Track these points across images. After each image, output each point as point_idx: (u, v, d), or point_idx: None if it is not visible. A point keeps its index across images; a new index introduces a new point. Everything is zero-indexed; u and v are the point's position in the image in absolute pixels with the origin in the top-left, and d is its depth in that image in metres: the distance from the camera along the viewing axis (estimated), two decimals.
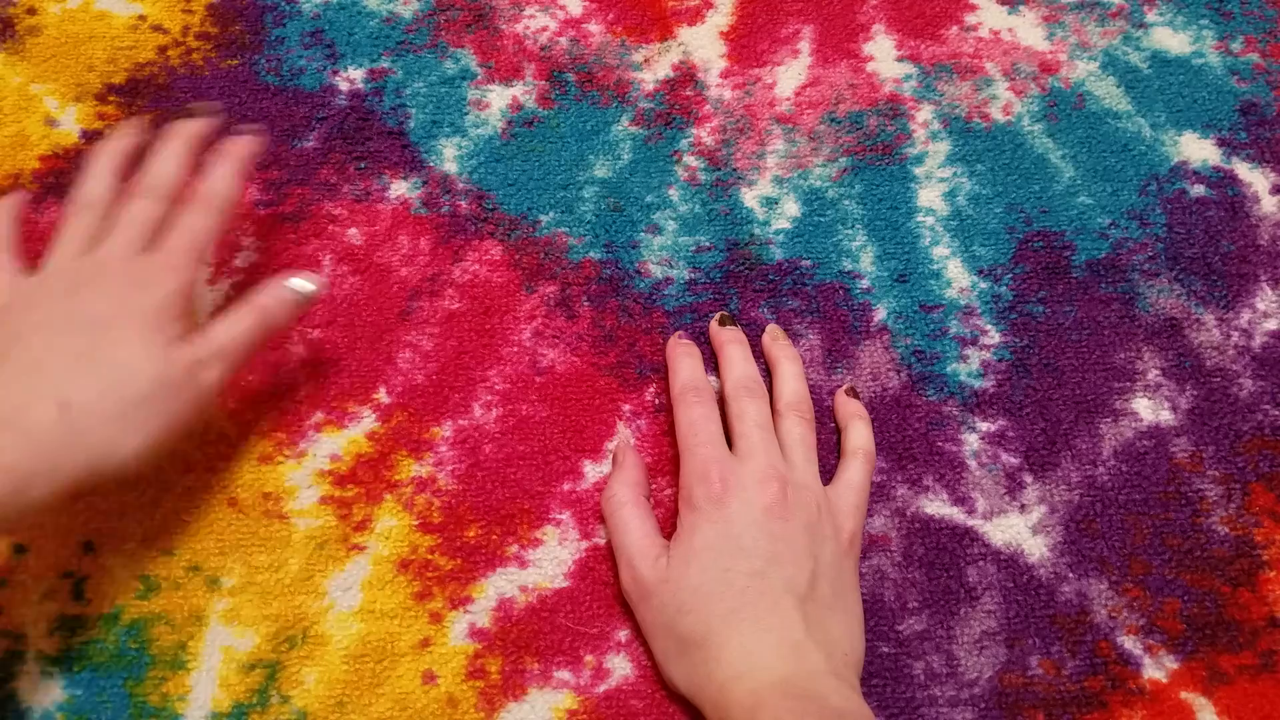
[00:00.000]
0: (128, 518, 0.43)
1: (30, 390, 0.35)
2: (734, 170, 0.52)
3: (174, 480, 0.43)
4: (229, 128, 0.45)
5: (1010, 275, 0.50)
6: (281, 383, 0.45)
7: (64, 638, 0.40)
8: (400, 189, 0.50)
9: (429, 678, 0.41)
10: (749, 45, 0.55)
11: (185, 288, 0.40)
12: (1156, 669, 0.42)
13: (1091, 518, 0.45)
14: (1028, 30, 0.56)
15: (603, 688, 0.41)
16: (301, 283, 0.42)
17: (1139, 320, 0.49)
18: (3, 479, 0.33)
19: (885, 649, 0.42)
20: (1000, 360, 0.48)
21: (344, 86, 0.52)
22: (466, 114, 0.52)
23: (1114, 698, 0.41)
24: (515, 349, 0.47)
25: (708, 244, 0.50)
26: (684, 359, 0.45)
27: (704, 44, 0.55)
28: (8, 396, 0.35)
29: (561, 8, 0.55)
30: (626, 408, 0.46)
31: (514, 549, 0.43)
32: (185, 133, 0.44)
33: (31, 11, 0.53)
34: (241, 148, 0.43)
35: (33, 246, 0.47)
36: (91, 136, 0.50)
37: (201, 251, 0.41)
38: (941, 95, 0.54)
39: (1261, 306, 0.49)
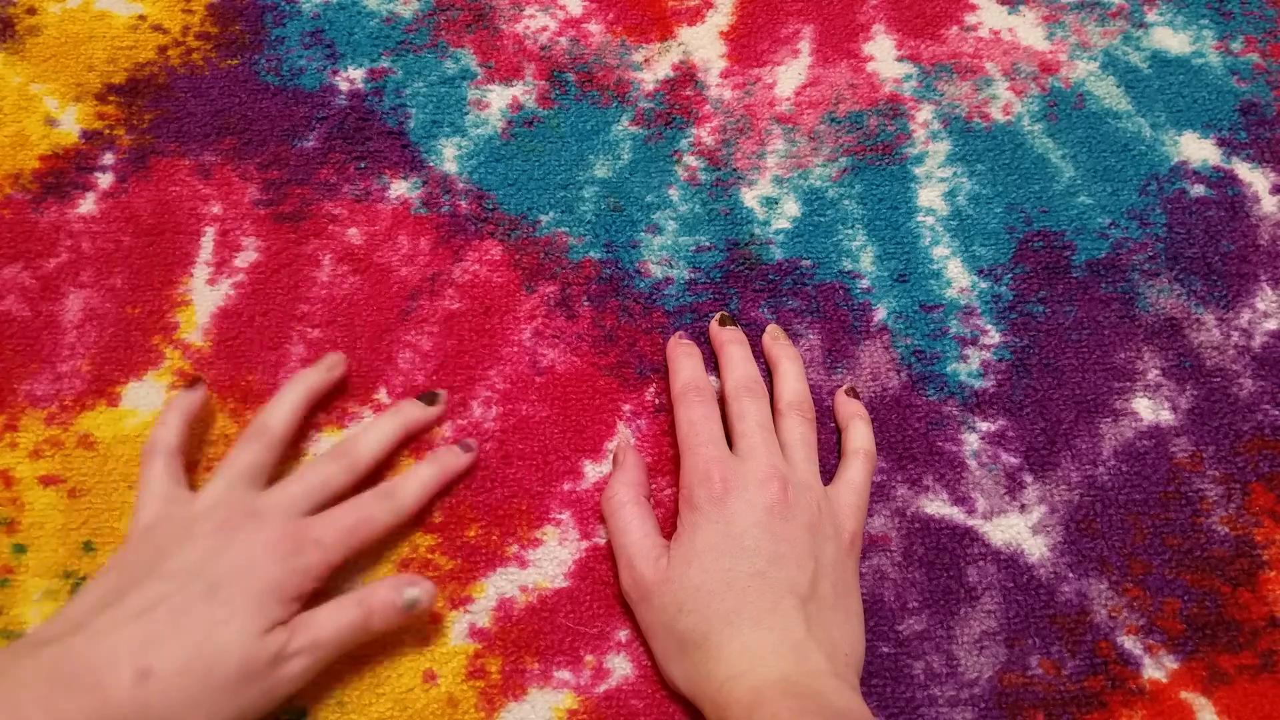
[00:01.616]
0: (128, 518, 0.42)
1: (124, 645, 0.33)
2: (734, 170, 0.52)
3: None
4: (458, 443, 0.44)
5: (1010, 275, 0.50)
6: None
7: None
8: (400, 189, 0.50)
9: (429, 677, 0.41)
10: (749, 45, 0.55)
11: (321, 574, 0.38)
12: (1156, 669, 0.42)
13: (1091, 518, 0.45)
14: (1028, 30, 0.56)
15: (603, 688, 0.41)
16: (415, 594, 0.39)
17: (1139, 320, 0.49)
18: None
19: (885, 649, 0.42)
20: (1000, 360, 0.48)
21: (344, 86, 0.52)
22: (466, 114, 0.52)
23: (1114, 698, 0.41)
24: (515, 349, 0.47)
25: (708, 244, 0.50)
26: (684, 359, 0.45)
27: (704, 44, 0.55)
28: (104, 645, 0.34)
29: (561, 8, 0.55)
30: (626, 408, 0.46)
31: (514, 549, 0.43)
32: (406, 415, 0.43)
33: (31, 11, 0.53)
34: (452, 461, 0.43)
35: (31, 246, 0.48)
36: (91, 136, 0.50)
37: (359, 544, 0.39)
38: (941, 95, 0.54)
39: (1261, 306, 0.49)
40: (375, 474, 0.43)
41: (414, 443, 0.44)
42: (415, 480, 0.42)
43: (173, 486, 0.40)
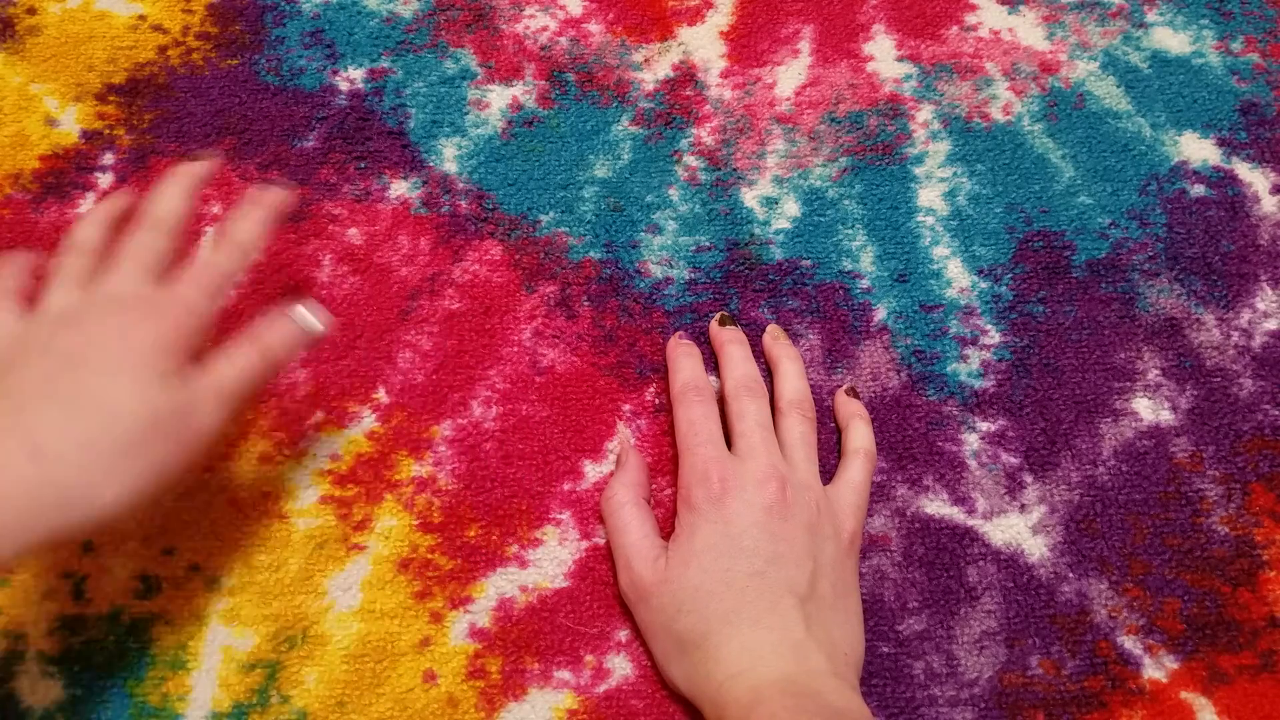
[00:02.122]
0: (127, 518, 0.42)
1: (7, 432, 0.33)
2: (734, 170, 0.52)
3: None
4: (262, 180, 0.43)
5: (1010, 275, 0.50)
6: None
7: (64, 638, 0.40)
8: (400, 189, 0.50)
9: (429, 677, 0.41)
10: (749, 45, 0.55)
11: (196, 323, 0.37)
12: (1156, 669, 0.42)
13: (1091, 518, 0.45)
14: (1028, 30, 0.56)
15: (603, 688, 0.41)
16: (306, 315, 0.39)
17: (1139, 320, 0.49)
18: None
19: (885, 649, 0.42)
20: (1000, 360, 0.48)
21: (344, 86, 0.52)
22: (466, 114, 0.52)
23: (1114, 698, 0.41)
24: (515, 349, 0.47)
25: (708, 244, 0.50)
26: (684, 359, 0.45)
27: (704, 44, 0.55)
28: None
29: (561, 7, 0.55)
30: (626, 408, 0.46)
31: (514, 549, 0.43)
32: (188, 172, 0.42)
33: (31, 11, 0.53)
34: (272, 198, 0.41)
35: (31, 246, 0.47)
36: (91, 136, 0.50)
37: (219, 290, 0.38)
38: (941, 95, 0.54)
39: (1261, 306, 0.49)
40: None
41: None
42: (248, 222, 0.40)
43: (12, 318, 0.38)
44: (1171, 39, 0.56)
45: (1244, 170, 0.53)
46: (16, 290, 0.40)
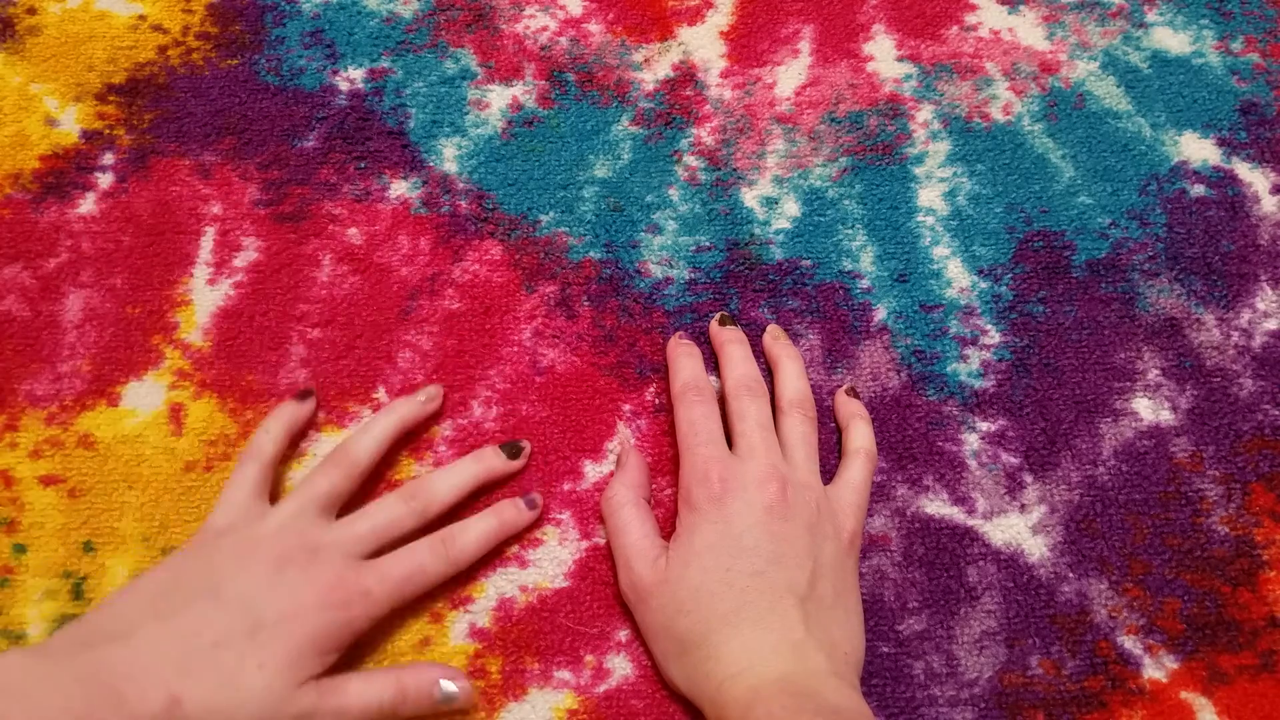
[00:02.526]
0: (128, 517, 0.43)
1: (161, 668, 0.34)
2: (734, 170, 0.52)
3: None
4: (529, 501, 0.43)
5: (1010, 275, 0.50)
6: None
7: None
8: (400, 189, 0.50)
9: None
10: (749, 45, 0.55)
11: (366, 624, 0.37)
12: (1156, 669, 0.42)
13: (1091, 518, 0.45)
14: (1028, 30, 0.56)
15: (603, 688, 0.41)
16: (453, 691, 0.38)
17: (1139, 320, 0.49)
18: None
19: (885, 649, 0.42)
20: (1000, 360, 0.48)
21: (344, 86, 0.52)
22: (466, 114, 0.52)
23: (1114, 698, 0.41)
24: (515, 349, 0.47)
25: (708, 244, 0.50)
26: (684, 359, 0.45)
27: (704, 44, 0.55)
28: (141, 664, 0.34)
29: (561, 7, 0.55)
30: (626, 408, 0.46)
31: (514, 549, 0.43)
32: (486, 464, 0.42)
33: (31, 11, 0.53)
34: (510, 518, 0.42)
35: (31, 246, 0.48)
36: (91, 136, 0.50)
37: (412, 596, 0.39)
38: (941, 95, 0.54)
39: (1261, 306, 0.49)
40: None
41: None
42: (474, 533, 0.41)
43: (254, 499, 0.40)
44: (1171, 39, 0.56)
45: (1244, 170, 0.53)
46: (276, 460, 0.41)
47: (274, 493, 0.42)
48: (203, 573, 0.37)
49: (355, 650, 0.40)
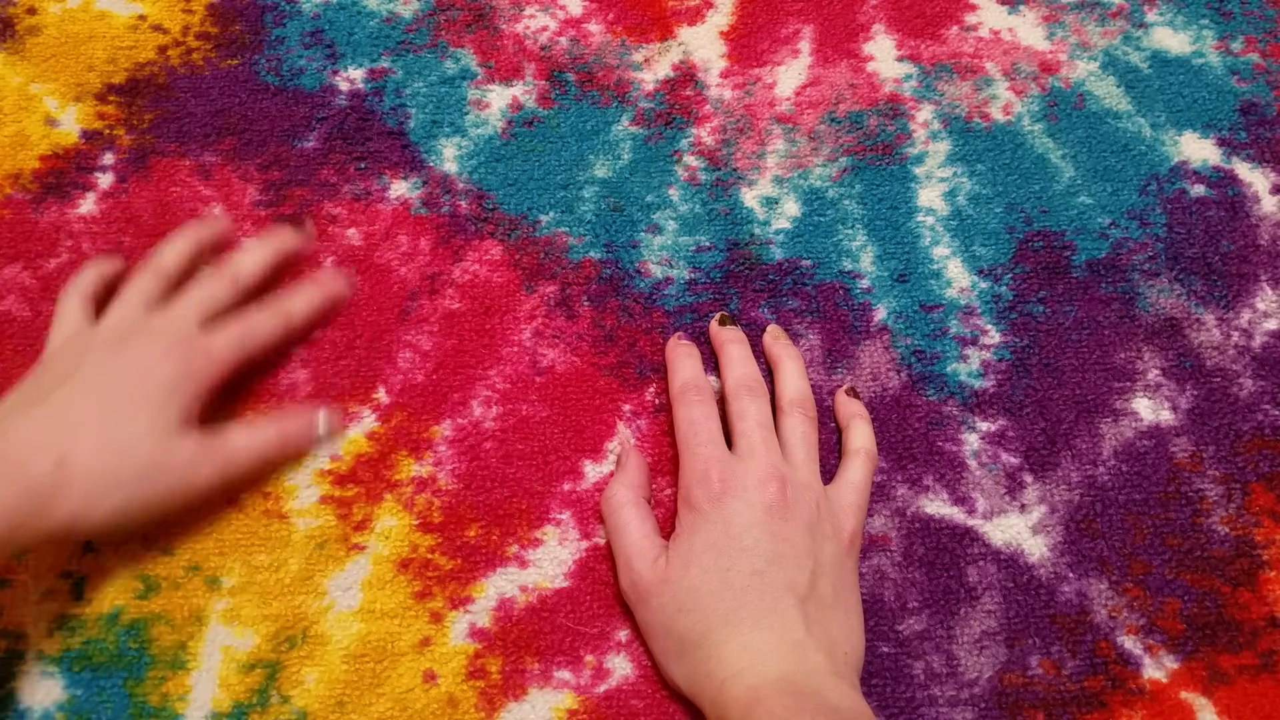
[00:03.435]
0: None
1: (42, 439, 0.37)
2: (734, 170, 0.52)
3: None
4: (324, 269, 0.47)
5: (1010, 275, 0.50)
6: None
7: (64, 638, 0.40)
8: (400, 189, 0.50)
9: (429, 677, 0.41)
10: (749, 45, 0.55)
11: (215, 378, 0.41)
12: (1156, 669, 0.42)
13: (1091, 518, 0.45)
14: (1028, 30, 0.56)
15: (603, 688, 0.41)
16: (329, 421, 0.43)
17: (1139, 320, 0.49)
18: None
19: (885, 649, 0.42)
20: (1000, 360, 0.48)
21: (344, 86, 0.52)
22: (466, 114, 0.52)
23: (1114, 698, 0.41)
24: (515, 349, 0.47)
25: (708, 244, 0.50)
26: (684, 359, 0.45)
27: (704, 44, 0.55)
28: (23, 439, 0.37)
29: (561, 7, 0.55)
30: (626, 408, 0.46)
31: (514, 549, 0.43)
32: (279, 240, 0.46)
33: (31, 11, 0.53)
34: (332, 283, 0.46)
35: (31, 246, 0.48)
36: (91, 136, 0.50)
37: (251, 351, 0.42)
38: (941, 95, 0.54)
39: (1261, 306, 0.49)
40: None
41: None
42: (302, 299, 0.45)
43: (81, 320, 0.43)
44: (1171, 39, 0.56)
45: (1244, 170, 0.53)
46: (92, 293, 0.44)
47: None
48: (55, 371, 0.40)
49: (356, 648, 0.40)
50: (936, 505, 0.45)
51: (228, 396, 0.44)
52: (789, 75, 0.54)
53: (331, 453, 0.43)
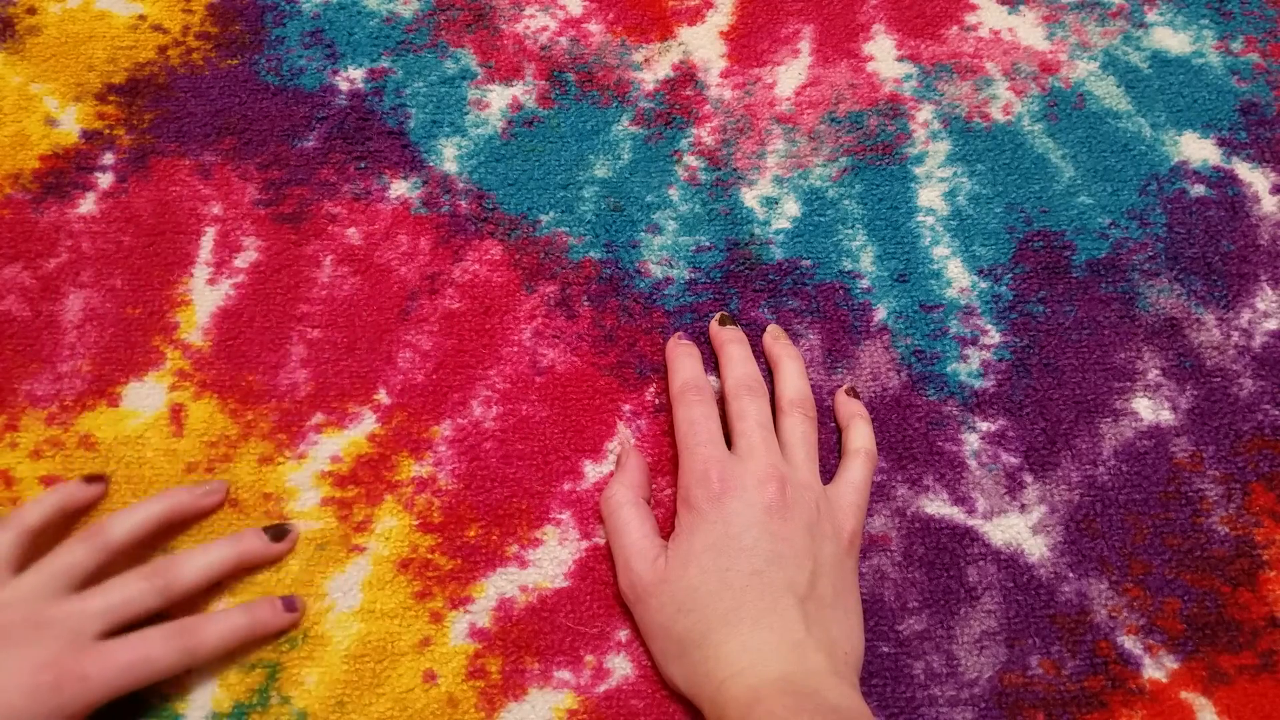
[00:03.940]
0: None
1: None
2: (734, 170, 0.52)
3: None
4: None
5: (1010, 275, 0.50)
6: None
7: None
8: (400, 189, 0.50)
9: (429, 677, 0.41)
10: (749, 45, 0.55)
11: (77, 710, 0.35)
12: (1156, 669, 0.42)
13: (1091, 518, 0.45)
14: (1028, 30, 0.56)
15: (603, 688, 0.41)
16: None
17: (1139, 320, 0.49)
18: None
19: (885, 649, 0.42)
20: (1000, 360, 0.48)
21: (344, 86, 0.52)
22: (466, 114, 0.52)
23: (1114, 698, 0.41)
24: (515, 349, 0.47)
25: (708, 244, 0.50)
26: (684, 359, 0.45)
27: (704, 44, 0.55)
28: None
29: (561, 7, 0.55)
30: (626, 408, 0.46)
31: (514, 549, 0.43)
32: (244, 546, 0.41)
33: (31, 11, 0.53)
34: (270, 620, 0.40)
35: (31, 246, 0.48)
36: (91, 136, 0.50)
37: (137, 684, 0.37)
38: (941, 95, 0.54)
39: (1261, 306, 0.49)
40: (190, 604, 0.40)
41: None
42: (219, 626, 0.39)
43: (3, 565, 0.38)
44: (1171, 39, 0.56)
45: (1244, 170, 0.53)
46: (28, 532, 0.39)
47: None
48: None
49: (356, 648, 0.40)
50: (936, 505, 0.45)
51: None
52: (789, 75, 0.54)
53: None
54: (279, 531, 0.41)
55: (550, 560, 0.43)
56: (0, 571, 0.38)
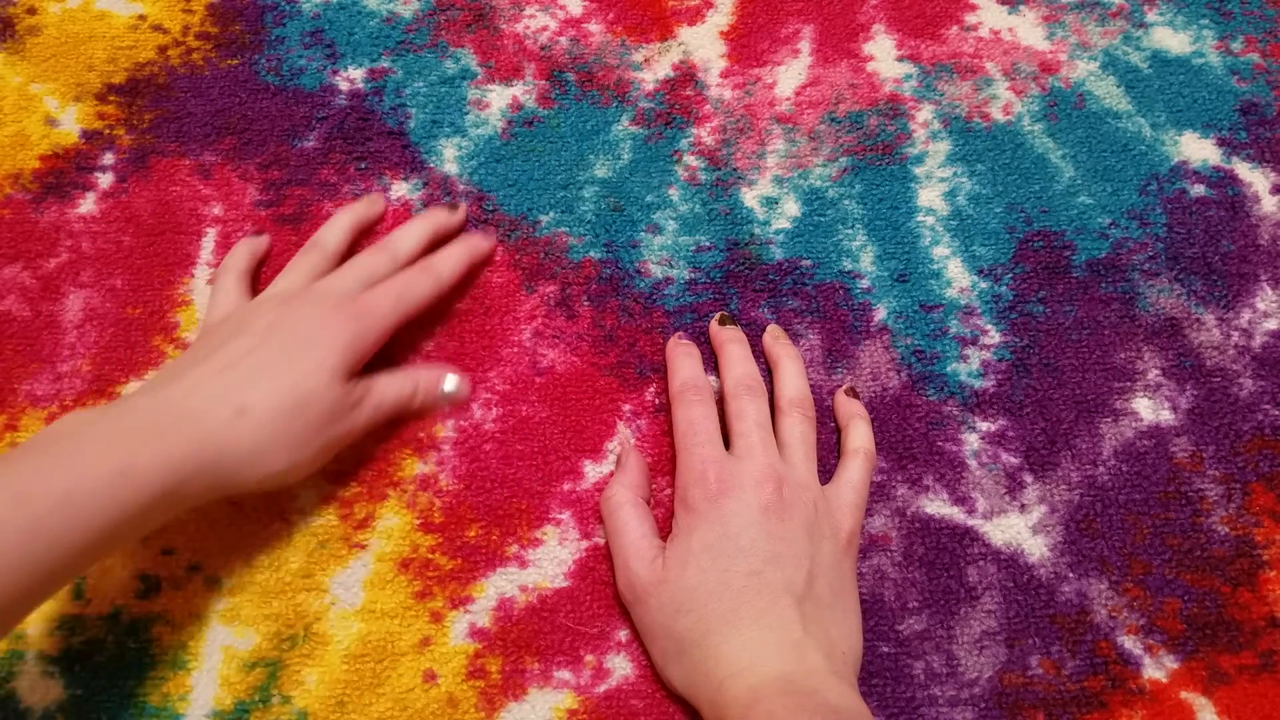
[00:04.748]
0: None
1: (221, 389, 0.38)
2: (734, 170, 0.52)
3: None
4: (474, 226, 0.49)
5: (1010, 275, 0.50)
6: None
7: (64, 638, 0.40)
8: (401, 189, 0.50)
9: (429, 677, 0.41)
10: (749, 45, 0.55)
11: (381, 334, 0.42)
12: (1156, 669, 0.42)
13: (1091, 518, 0.45)
14: (1028, 30, 0.56)
15: (603, 687, 0.41)
16: (457, 383, 0.45)
17: (1139, 320, 0.49)
18: (173, 469, 0.35)
19: (885, 649, 0.42)
20: (1000, 360, 0.48)
21: (344, 86, 0.52)
22: (466, 114, 0.52)
23: (1114, 698, 0.41)
24: (515, 349, 0.47)
25: (708, 244, 0.50)
26: (684, 358, 0.45)
27: (704, 44, 0.55)
28: (202, 391, 0.38)
29: (561, 7, 0.55)
30: (626, 408, 0.46)
31: (514, 549, 0.43)
32: (434, 218, 0.48)
33: (31, 11, 0.53)
34: (478, 243, 0.48)
35: (31, 246, 0.48)
36: (91, 136, 0.50)
37: (409, 310, 0.43)
38: (941, 95, 0.54)
39: (1261, 306, 0.49)
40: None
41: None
42: (450, 257, 0.46)
43: (239, 297, 0.44)
44: (1171, 39, 0.56)
45: (1244, 170, 0.53)
46: (247, 270, 0.46)
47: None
48: (224, 331, 0.41)
49: (357, 648, 0.40)
50: (936, 505, 0.45)
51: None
52: (789, 75, 0.54)
53: (453, 413, 0.45)
54: (453, 205, 0.49)
55: (550, 560, 0.43)
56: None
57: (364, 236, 0.48)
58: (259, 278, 0.47)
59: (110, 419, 0.36)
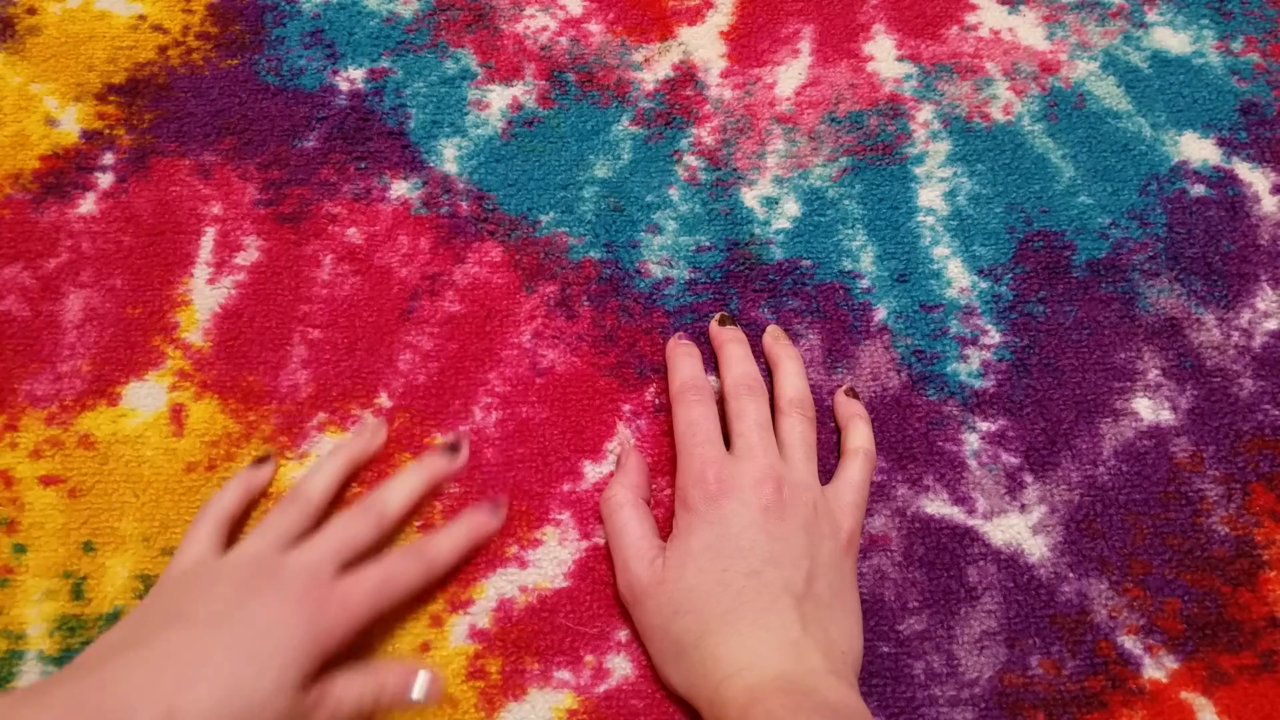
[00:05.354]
0: (127, 517, 0.43)
1: (151, 685, 0.33)
2: (734, 170, 0.52)
3: None
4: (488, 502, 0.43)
5: (1010, 275, 0.50)
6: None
7: (64, 638, 0.40)
8: (400, 189, 0.50)
9: None
10: (749, 45, 0.55)
11: (349, 631, 0.37)
12: (1156, 669, 0.42)
13: (1091, 518, 0.45)
14: (1028, 30, 0.56)
15: (603, 688, 0.41)
16: (425, 688, 0.38)
17: (1139, 320, 0.49)
18: None
19: (885, 649, 0.42)
20: (1000, 360, 0.48)
21: (344, 86, 0.52)
22: (466, 114, 0.52)
23: (1114, 698, 0.41)
24: (515, 350, 0.47)
25: (708, 244, 0.50)
26: (684, 359, 0.45)
27: (704, 44, 0.55)
28: (132, 685, 0.33)
29: (561, 7, 0.55)
30: (626, 408, 0.46)
31: (514, 549, 0.43)
32: (431, 468, 0.43)
33: (31, 11, 0.53)
34: (483, 521, 0.42)
35: (31, 246, 0.48)
36: (91, 136, 0.50)
37: (387, 603, 0.38)
38: (942, 95, 0.54)
39: (1262, 306, 0.49)
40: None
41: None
42: (448, 540, 0.41)
43: (210, 549, 0.39)
44: (1172, 39, 0.56)
45: (1244, 170, 0.53)
46: (229, 517, 0.41)
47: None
48: (169, 606, 0.37)
49: (355, 653, 0.40)
50: (936, 505, 0.45)
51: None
52: (789, 75, 0.54)
53: (430, 703, 0.39)
54: (454, 446, 0.44)
55: (550, 560, 0.43)
56: (214, 550, 0.40)
57: (358, 473, 0.44)
58: (246, 520, 0.43)
59: (26, 712, 0.32)
